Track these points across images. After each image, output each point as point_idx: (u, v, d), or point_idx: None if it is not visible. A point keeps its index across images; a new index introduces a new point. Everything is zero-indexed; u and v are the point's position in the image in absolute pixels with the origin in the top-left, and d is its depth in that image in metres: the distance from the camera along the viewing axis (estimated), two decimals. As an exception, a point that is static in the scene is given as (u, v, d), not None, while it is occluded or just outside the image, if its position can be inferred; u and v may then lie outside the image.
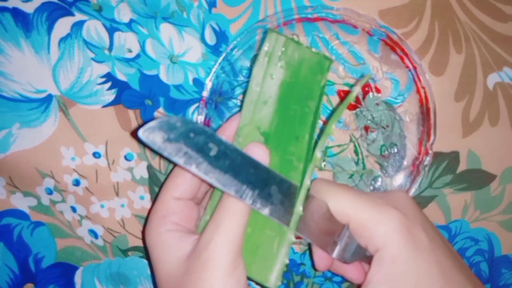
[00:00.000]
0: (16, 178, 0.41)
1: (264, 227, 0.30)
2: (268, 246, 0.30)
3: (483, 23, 0.40)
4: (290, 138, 0.32)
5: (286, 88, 0.33)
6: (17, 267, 0.43)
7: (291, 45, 0.33)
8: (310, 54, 0.33)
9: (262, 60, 0.32)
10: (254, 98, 0.32)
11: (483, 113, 0.41)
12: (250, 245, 0.30)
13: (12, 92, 0.39)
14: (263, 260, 0.30)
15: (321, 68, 0.33)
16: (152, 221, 0.31)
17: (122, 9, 0.38)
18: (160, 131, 0.26)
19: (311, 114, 0.33)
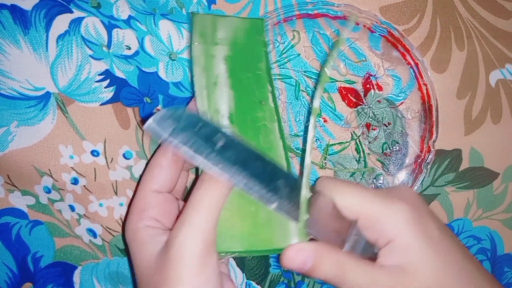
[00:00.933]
0: (14, 177, 0.40)
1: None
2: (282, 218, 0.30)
3: (485, 19, 0.40)
4: (254, 106, 0.32)
5: (231, 62, 0.33)
6: (16, 267, 0.43)
7: (219, 21, 0.33)
8: (241, 22, 0.33)
9: (198, 43, 0.32)
10: (203, 83, 0.32)
11: (486, 111, 0.41)
12: (261, 220, 0.30)
13: (10, 89, 0.39)
14: (282, 226, 0.30)
15: (257, 29, 0.34)
16: (130, 216, 0.31)
17: (121, 6, 0.38)
18: (168, 121, 0.26)
19: (264, 74, 0.33)
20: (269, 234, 0.30)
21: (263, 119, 0.32)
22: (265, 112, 0.32)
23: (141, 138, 0.40)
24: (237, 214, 0.30)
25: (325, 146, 0.40)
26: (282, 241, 0.30)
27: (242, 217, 0.30)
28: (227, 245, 0.30)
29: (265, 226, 0.30)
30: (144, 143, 0.40)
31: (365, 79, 0.39)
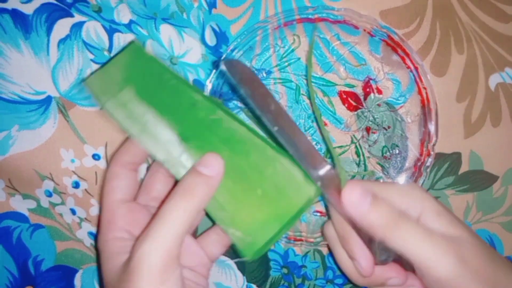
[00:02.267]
0: (15, 181, 0.40)
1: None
2: (289, 178, 0.31)
3: (485, 23, 0.40)
4: (192, 111, 0.32)
5: (142, 94, 0.32)
6: (17, 270, 0.43)
7: (105, 71, 0.33)
8: (120, 58, 0.33)
9: (108, 101, 0.32)
10: (135, 129, 0.32)
11: (485, 114, 0.41)
12: (272, 195, 0.31)
13: (11, 94, 0.39)
14: (292, 188, 0.31)
15: (136, 51, 0.33)
16: (100, 228, 0.31)
17: (122, 10, 0.38)
18: (235, 69, 0.28)
19: (174, 80, 0.32)
20: (287, 200, 0.31)
21: (207, 116, 0.32)
22: (202, 108, 0.32)
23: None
24: (250, 206, 0.31)
25: (325, 149, 0.40)
26: (302, 198, 0.31)
27: (256, 205, 0.31)
28: (265, 236, 0.30)
29: (279, 198, 0.31)
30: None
31: (365, 82, 0.39)
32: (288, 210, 0.31)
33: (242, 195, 0.31)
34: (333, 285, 0.43)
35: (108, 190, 0.32)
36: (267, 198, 0.31)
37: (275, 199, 0.31)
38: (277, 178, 0.31)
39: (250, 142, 0.31)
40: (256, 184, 0.31)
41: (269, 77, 0.39)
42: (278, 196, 0.31)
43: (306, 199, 0.31)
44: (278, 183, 0.31)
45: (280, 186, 0.31)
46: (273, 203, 0.31)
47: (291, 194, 0.31)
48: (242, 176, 0.31)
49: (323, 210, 0.41)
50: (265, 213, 0.31)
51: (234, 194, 0.31)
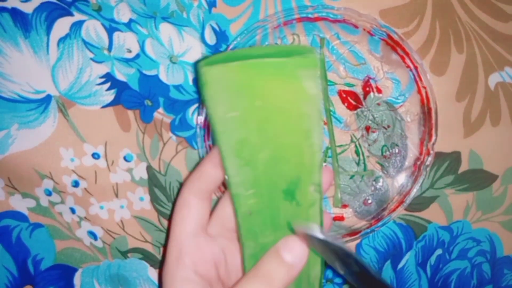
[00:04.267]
0: (15, 179, 0.40)
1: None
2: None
3: (484, 22, 0.40)
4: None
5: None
6: (16, 269, 0.43)
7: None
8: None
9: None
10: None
11: (485, 113, 0.41)
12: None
13: (11, 92, 0.39)
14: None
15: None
16: (167, 260, 0.29)
17: (122, 9, 0.38)
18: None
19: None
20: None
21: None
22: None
23: (142, 140, 0.40)
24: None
25: (324, 149, 0.40)
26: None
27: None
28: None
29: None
30: (144, 145, 0.40)
31: (364, 82, 0.39)
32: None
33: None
34: (333, 284, 0.43)
35: (178, 220, 0.30)
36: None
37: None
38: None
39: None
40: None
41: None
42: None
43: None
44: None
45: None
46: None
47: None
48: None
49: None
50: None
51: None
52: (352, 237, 0.40)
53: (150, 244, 0.42)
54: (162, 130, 0.40)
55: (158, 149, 0.40)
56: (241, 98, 0.26)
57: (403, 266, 0.43)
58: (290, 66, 0.25)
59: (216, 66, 0.25)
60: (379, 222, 0.39)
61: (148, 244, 0.42)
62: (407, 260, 0.43)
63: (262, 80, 0.25)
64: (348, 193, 0.40)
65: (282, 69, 0.25)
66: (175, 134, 0.40)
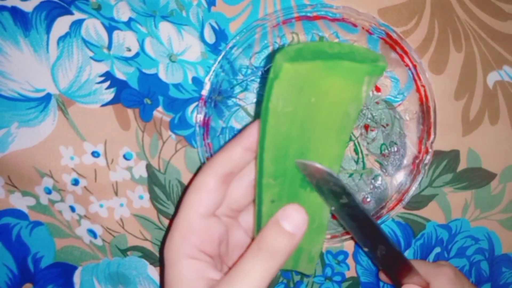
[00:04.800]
0: (15, 178, 0.40)
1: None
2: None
3: (483, 21, 0.40)
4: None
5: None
6: (16, 267, 0.43)
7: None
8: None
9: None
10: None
11: (483, 112, 0.41)
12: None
13: (11, 91, 0.39)
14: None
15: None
16: (172, 240, 0.29)
17: (121, 8, 0.38)
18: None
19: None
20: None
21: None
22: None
23: (141, 139, 0.40)
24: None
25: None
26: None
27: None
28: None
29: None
30: (144, 144, 0.40)
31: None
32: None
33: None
34: (332, 282, 0.43)
35: (192, 201, 0.29)
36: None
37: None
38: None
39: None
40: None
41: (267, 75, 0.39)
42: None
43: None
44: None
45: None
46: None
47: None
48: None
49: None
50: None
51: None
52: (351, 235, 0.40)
53: (150, 242, 0.42)
54: (161, 128, 0.40)
55: (157, 147, 0.40)
56: (302, 94, 0.26)
57: (402, 264, 0.43)
58: (362, 71, 0.25)
59: (300, 64, 0.24)
60: (378, 220, 0.39)
61: (147, 242, 0.42)
62: (406, 258, 0.43)
63: (329, 79, 0.25)
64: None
65: (353, 73, 0.25)
66: (174, 133, 0.40)
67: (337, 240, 0.40)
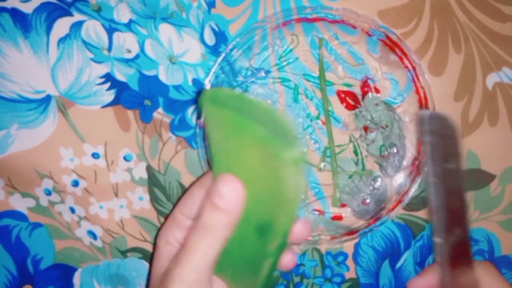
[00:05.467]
0: (15, 179, 0.40)
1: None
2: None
3: (482, 23, 0.40)
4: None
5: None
6: (16, 269, 0.43)
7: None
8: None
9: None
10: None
11: (483, 113, 0.41)
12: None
13: (11, 92, 0.39)
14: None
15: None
16: (163, 227, 0.33)
17: (121, 10, 0.38)
18: (434, 121, 0.27)
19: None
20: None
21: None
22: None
23: (142, 140, 0.40)
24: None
25: (323, 148, 0.40)
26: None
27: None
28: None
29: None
30: (144, 145, 0.40)
31: (363, 82, 0.40)
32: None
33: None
34: (332, 283, 0.43)
35: (181, 204, 0.33)
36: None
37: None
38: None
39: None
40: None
41: (267, 76, 0.39)
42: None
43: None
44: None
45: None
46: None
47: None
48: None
49: (321, 209, 0.41)
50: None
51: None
52: (350, 236, 0.40)
53: (150, 244, 0.42)
54: (161, 130, 0.40)
55: (157, 149, 0.40)
56: (231, 140, 0.26)
57: (402, 265, 0.43)
58: (275, 146, 0.24)
59: (213, 107, 0.25)
60: (378, 222, 0.40)
61: (147, 243, 0.42)
62: (406, 260, 0.43)
63: (247, 139, 0.25)
64: (346, 192, 0.41)
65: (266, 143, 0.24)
66: (174, 134, 0.40)
67: (337, 241, 0.40)
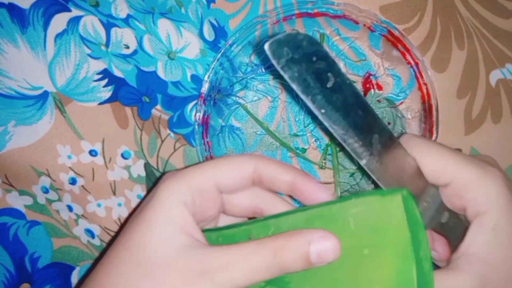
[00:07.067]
0: (12, 177, 0.40)
1: None
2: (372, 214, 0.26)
3: (485, 19, 0.40)
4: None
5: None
6: (13, 267, 0.42)
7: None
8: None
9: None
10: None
11: (486, 110, 0.41)
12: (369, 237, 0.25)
13: (8, 89, 0.39)
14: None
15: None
16: (177, 179, 0.26)
17: (119, 5, 0.38)
18: (287, 47, 0.23)
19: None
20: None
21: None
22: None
23: (140, 137, 0.40)
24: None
25: (324, 146, 0.40)
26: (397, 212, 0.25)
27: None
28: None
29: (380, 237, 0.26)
30: (142, 142, 0.40)
31: (365, 78, 0.39)
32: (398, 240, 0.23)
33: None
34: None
35: (220, 166, 0.27)
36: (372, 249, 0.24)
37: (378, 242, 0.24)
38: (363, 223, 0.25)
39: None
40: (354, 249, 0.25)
41: (268, 72, 0.39)
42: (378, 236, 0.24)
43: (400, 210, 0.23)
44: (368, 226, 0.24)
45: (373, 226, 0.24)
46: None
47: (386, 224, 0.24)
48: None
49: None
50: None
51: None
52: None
53: (148, 242, 0.42)
54: (160, 127, 0.40)
55: (156, 146, 0.40)
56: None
57: (403, 264, 0.43)
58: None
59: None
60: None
61: (146, 242, 0.42)
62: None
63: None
64: (348, 190, 0.40)
65: None
66: (173, 131, 0.40)
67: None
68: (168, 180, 0.27)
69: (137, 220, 0.26)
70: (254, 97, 0.39)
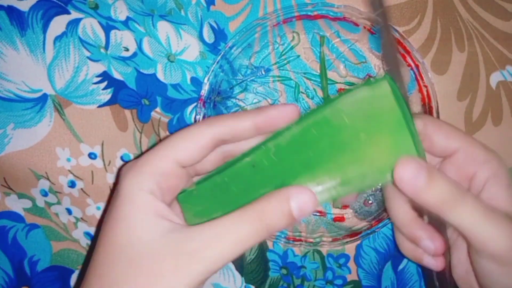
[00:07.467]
0: (11, 180, 0.40)
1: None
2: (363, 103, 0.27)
3: (486, 21, 0.40)
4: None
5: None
6: (12, 270, 0.42)
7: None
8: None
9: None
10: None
11: (486, 113, 0.40)
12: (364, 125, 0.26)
13: (7, 91, 0.38)
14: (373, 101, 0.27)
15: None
16: (138, 170, 0.27)
17: (119, 7, 0.38)
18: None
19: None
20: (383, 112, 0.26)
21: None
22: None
23: (139, 140, 0.40)
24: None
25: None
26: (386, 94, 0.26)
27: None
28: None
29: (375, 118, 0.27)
30: (142, 145, 0.40)
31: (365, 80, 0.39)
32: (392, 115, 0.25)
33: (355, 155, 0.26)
34: (333, 286, 0.43)
35: (176, 145, 0.27)
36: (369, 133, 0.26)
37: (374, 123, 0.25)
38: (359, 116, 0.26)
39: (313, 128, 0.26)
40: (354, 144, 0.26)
41: (268, 75, 0.39)
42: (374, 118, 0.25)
43: (388, 90, 0.25)
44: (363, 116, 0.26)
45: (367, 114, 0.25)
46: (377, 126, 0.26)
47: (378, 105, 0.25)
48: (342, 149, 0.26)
49: (323, 210, 0.41)
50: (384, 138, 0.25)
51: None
52: (352, 238, 0.39)
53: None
54: (159, 129, 0.39)
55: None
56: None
57: (404, 267, 0.43)
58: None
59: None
60: (380, 223, 0.39)
61: (145, 245, 0.42)
62: (408, 261, 0.43)
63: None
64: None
65: None
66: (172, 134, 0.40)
67: (338, 243, 0.40)
68: (128, 174, 0.27)
69: (112, 219, 0.26)
70: (254, 99, 0.39)
